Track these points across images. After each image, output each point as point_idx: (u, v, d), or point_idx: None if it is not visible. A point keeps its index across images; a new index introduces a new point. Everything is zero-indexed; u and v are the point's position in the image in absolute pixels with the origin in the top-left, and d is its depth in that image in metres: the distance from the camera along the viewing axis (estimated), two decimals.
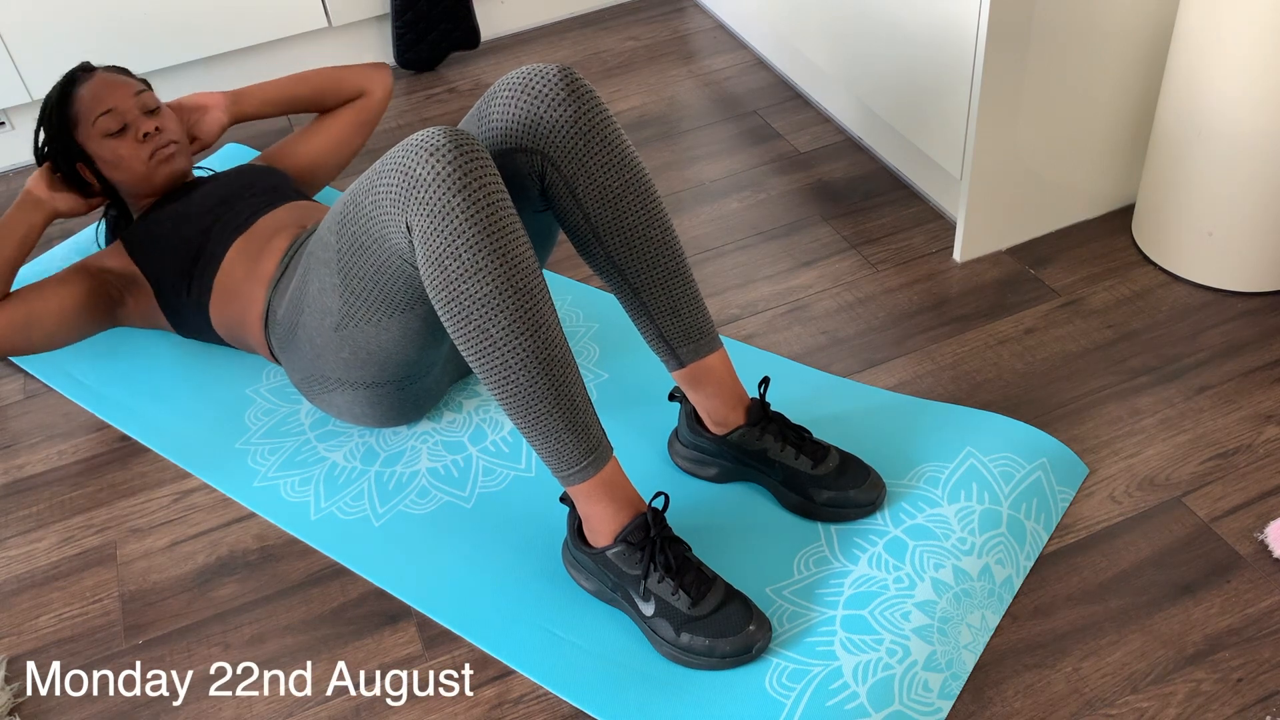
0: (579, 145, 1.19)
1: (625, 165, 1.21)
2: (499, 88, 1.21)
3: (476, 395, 1.52)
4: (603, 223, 1.22)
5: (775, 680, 1.13)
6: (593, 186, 1.20)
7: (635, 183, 1.21)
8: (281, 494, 1.41)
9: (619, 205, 1.21)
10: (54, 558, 1.39)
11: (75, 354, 1.65)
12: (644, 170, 1.23)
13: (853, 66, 1.81)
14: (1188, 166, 1.49)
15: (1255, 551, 1.23)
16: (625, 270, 1.24)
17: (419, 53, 2.28)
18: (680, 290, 1.25)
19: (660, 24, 2.39)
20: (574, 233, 1.24)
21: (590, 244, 1.24)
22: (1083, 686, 1.12)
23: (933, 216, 1.77)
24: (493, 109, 1.21)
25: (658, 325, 1.26)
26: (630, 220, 1.22)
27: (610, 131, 1.20)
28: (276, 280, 1.44)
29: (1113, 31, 1.50)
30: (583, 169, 1.20)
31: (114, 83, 1.57)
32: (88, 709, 1.21)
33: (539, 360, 1.10)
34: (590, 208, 1.21)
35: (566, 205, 1.22)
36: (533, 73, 1.19)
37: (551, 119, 1.18)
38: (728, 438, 1.30)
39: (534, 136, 1.19)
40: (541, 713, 1.16)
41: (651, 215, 1.22)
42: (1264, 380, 1.42)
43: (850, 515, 1.28)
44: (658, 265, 1.24)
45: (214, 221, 1.54)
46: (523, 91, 1.19)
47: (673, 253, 1.24)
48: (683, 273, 1.25)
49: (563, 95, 1.18)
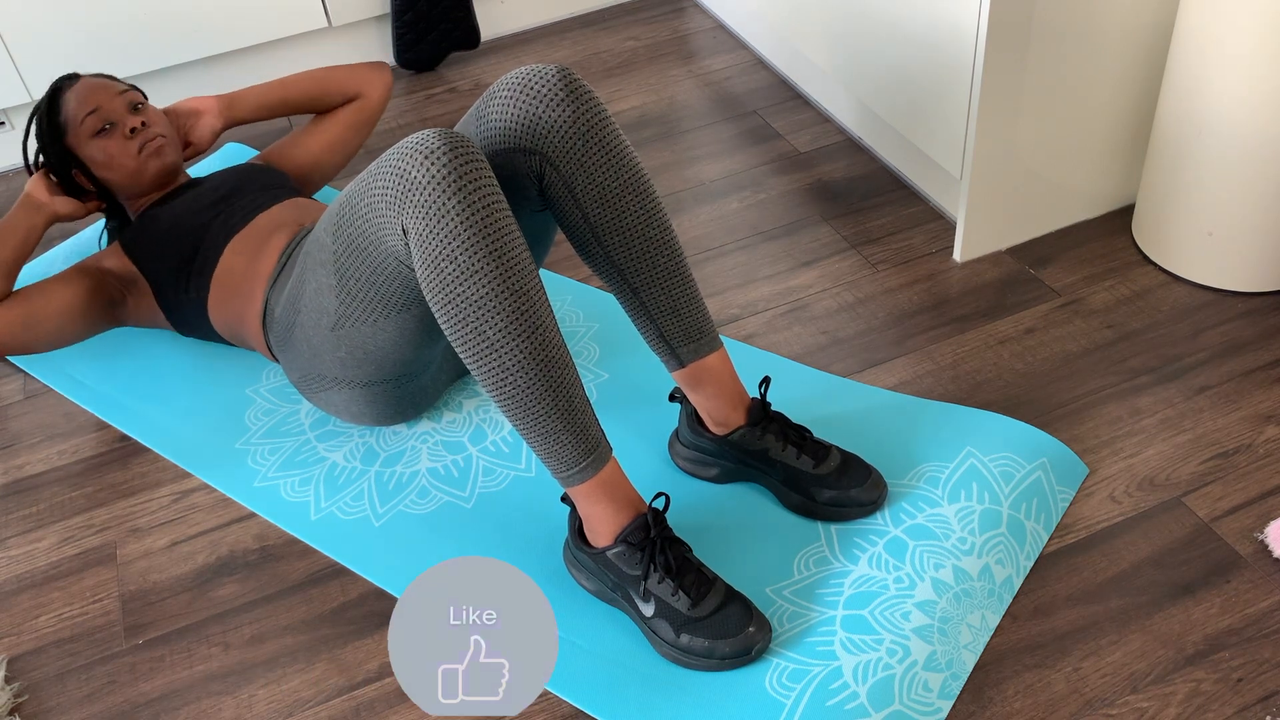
0: (577, 145, 1.19)
1: (624, 165, 1.21)
2: (498, 88, 1.22)
3: (476, 395, 1.52)
4: (601, 223, 1.22)
5: (775, 680, 1.13)
6: (591, 186, 1.20)
7: (633, 182, 1.21)
8: (282, 494, 1.41)
9: (618, 205, 1.21)
10: (54, 558, 1.39)
11: (75, 354, 1.65)
12: (642, 170, 1.23)
13: (853, 66, 1.81)
14: (1188, 166, 1.49)
15: (1255, 551, 1.23)
16: (624, 270, 1.24)
17: (419, 53, 2.28)
18: (680, 290, 1.25)
19: (660, 24, 2.39)
20: (573, 233, 1.24)
21: (589, 244, 1.24)
22: (1083, 686, 1.12)
23: (933, 216, 1.77)
24: (491, 109, 1.21)
25: (658, 325, 1.26)
26: (629, 220, 1.22)
27: (609, 132, 1.20)
28: (274, 278, 1.44)
29: (1113, 31, 1.50)
30: (581, 169, 1.20)
31: (98, 85, 1.59)
32: (88, 709, 1.21)
33: (536, 361, 1.10)
34: (589, 208, 1.21)
35: (565, 205, 1.22)
36: (532, 73, 1.20)
37: (550, 119, 1.18)
38: (729, 438, 1.31)
39: (533, 137, 1.19)
40: (541, 713, 1.16)
41: (650, 215, 1.22)
42: (1264, 380, 1.42)
43: (852, 514, 1.28)
44: (657, 265, 1.24)
45: (212, 219, 1.54)
46: (522, 92, 1.19)
47: (672, 252, 1.24)
48: (682, 272, 1.25)
49: (561, 95, 1.18)
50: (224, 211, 1.55)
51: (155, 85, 2.17)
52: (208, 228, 1.53)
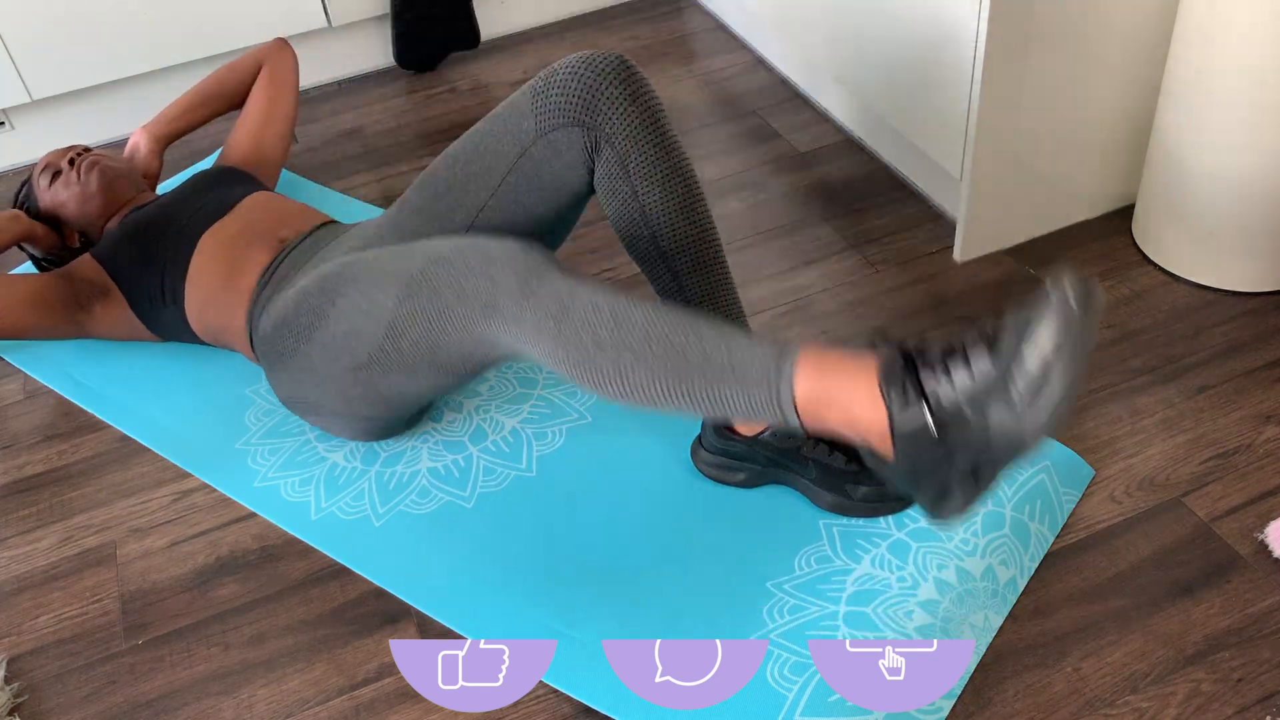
0: (634, 125, 1.24)
1: (675, 151, 1.26)
2: (558, 67, 1.26)
3: (476, 395, 1.52)
4: (651, 202, 1.25)
5: (777, 672, 1.14)
6: (644, 165, 1.25)
7: (683, 167, 1.27)
8: (282, 494, 1.41)
9: (668, 186, 1.25)
10: (54, 558, 1.39)
11: (75, 354, 1.66)
12: (689, 160, 1.28)
13: (853, 66, 1.81)
14: (1188, 167, 1.49)
15: (1255, 551, 1.23)
16: (668, 253, 1.27)
17: (419, 53, 2.28)
18: (719, 279, 1.28)
19: (660, 24, 2.39)
20: (623, 212, 1.27)
21: (637, 224, 1.27)
22: (1083, 686, 1.12)
23: (933, 216, 1.77)
24: (552, 86, 1.26)
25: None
26: (677, 203, 1.26)
27: (663, 117, 1.26)
28: (256, 296, 1.44)
29: (1113, 31, 1.50)
30: (636, 147, 1.24)
31: (51, 152, 1.71)
32: (87, 709, 1.21)
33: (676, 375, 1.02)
34: (640, 186, 1.25)
35: (618, 183, 1.26)
36: (593, 56, 1.26)
37: (611, 97, 1.23)
38: (759, 437, 1.30)
39: (592, 113, 1.24)
40: (542, 713, 1.16)
41: (697, 200, 1.27)
42: (1264, 380, 1.42)
43: (887, 510, 1.28)
44: (701, 251, 1.27)
45: (182, 216, 1.56)
46: (586, 70, 1.24)
47: (714, 241, 1.28)
48: (722, 262, 1.29)
49: (623, 77, 1.24)
50: (190, 209, 1.57)
51: (156, 85, 2.17)
52: (178, 226, 1.55)
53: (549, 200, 1.30)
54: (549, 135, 1.26)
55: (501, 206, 1.31)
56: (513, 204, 1.31)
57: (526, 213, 1.31)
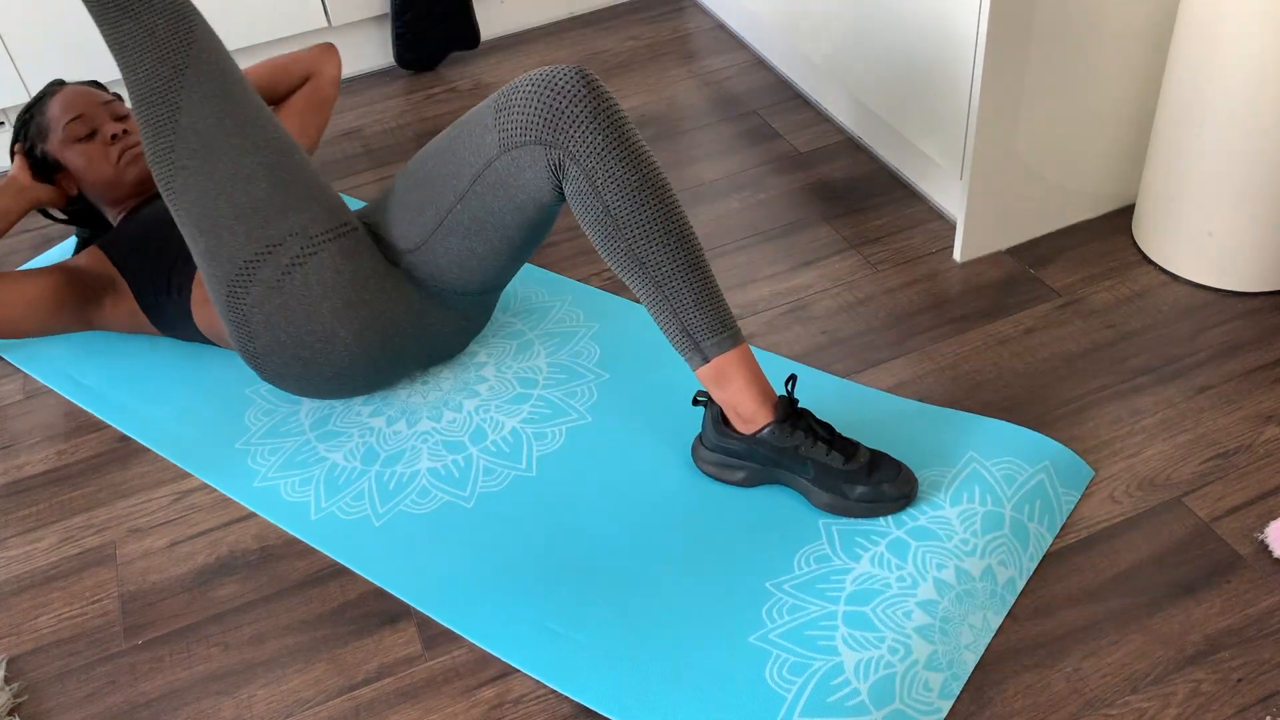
0: (598, 140, 1.22)
1: (642, 160, 1.24)
2: (518, 84, 1.26)
3: (476, 395, 1.52)
4: (623, 214, 1.24)
5: (776, 673, 1.14)
6: (612, 180, 1.23)
7: (652, 176, 1.25)
8: (282, 494, 1.41)
9: (638, 197, 1.24)
10: (54, 558, 1.39)
11: (75, 354, 1.66)
12: (659, 166, 1.28)
13: (853, 66, 1.81)
14: (1188, 166, 1.49)
15: (1255, 551, 1.23)
16: (647, 263, 1.25)
17: (419, 53, 2.28)
18: (702, 282, 1.26)
19: (660, 24, 2.39)
20: (595, 227, 1.26)
21: (612, 237, 1.25)
22: (1083, 687, 1.12)
23: (933, 216, 1.77)
24: (513, 104, 1.25)
25: (681, 320, 1.27)
26: (651, 212, 1.24)
27: (627, 128, 1.24)
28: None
29: (1113, 31, 1.50)
30: (602, 162, 1.23)
31: (83, 93, 1.65)
32: (87, 709, 1.21)
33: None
34: (611, 199, 1.24)
35: (587, 198, 1.24)
36: (552, 71, 1.24)
37: (572, 114, 1.22)
38: (758, 435, 1.30)
39: (554, 131, 1.23)
40: (541, 713, 1.16)
41: (671, 207, 1.26)
42: (1264, 380, 1.42)
43: (883, 510, 1.28)
44: (679, 256, 1.25)
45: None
46: (544, 88, 1.23)
47: (693, 244, 1.27)
48: (703, 265, 1.27)
49: (583, 93, 1.23)
50: None
51: None
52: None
53: (518, 208, 1.31)
54: (512, 152, 1.26)
55: (470, 211, 1.33)
56: (481, 209, 1.32)
57: (497, 219, 1.33)
